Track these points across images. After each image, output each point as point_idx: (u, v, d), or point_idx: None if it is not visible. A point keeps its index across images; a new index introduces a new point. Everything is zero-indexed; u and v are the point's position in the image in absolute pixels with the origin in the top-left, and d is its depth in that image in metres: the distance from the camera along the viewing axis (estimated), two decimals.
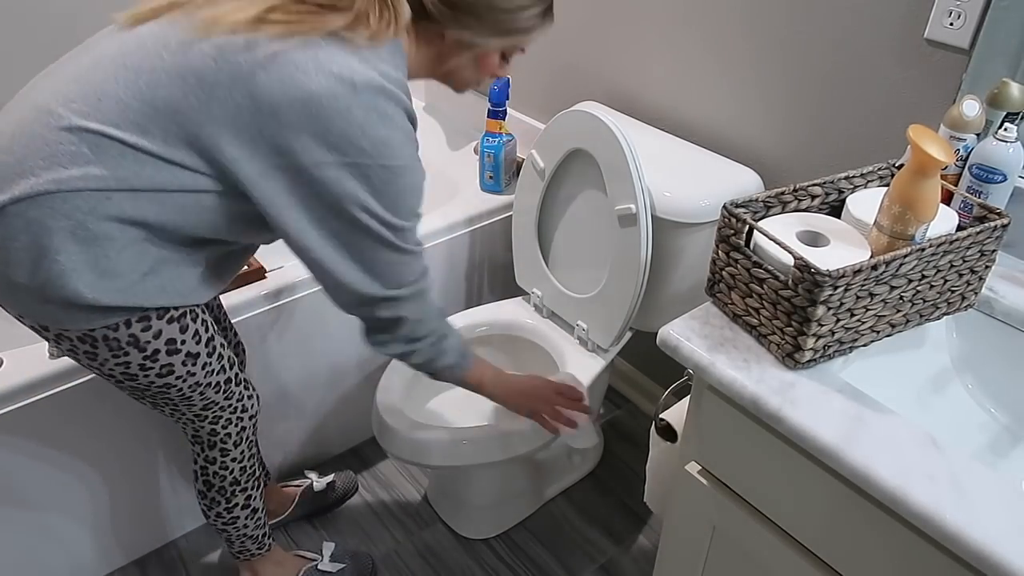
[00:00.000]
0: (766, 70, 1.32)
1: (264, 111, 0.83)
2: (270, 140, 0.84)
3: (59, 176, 0.83)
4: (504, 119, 1.70)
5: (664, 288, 1.41)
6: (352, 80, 0.83)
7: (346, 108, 0.83)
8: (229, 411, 1.15)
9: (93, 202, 0.84)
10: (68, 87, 0.86)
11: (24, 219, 0.84)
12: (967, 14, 1.02)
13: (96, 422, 1.32)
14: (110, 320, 0.92)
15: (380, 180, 0.87)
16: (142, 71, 0.84)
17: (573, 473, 1.71)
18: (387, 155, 0.86)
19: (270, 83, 0.82)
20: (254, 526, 1.31)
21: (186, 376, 1.03)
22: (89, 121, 0.83)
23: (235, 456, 1.20)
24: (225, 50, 0.83)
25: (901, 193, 0.79)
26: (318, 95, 0.82)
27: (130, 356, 0.96)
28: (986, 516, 0.65)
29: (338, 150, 0.84)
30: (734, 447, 0.86)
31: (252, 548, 1.34)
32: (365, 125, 0.84)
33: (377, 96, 0.85)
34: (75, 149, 0.83)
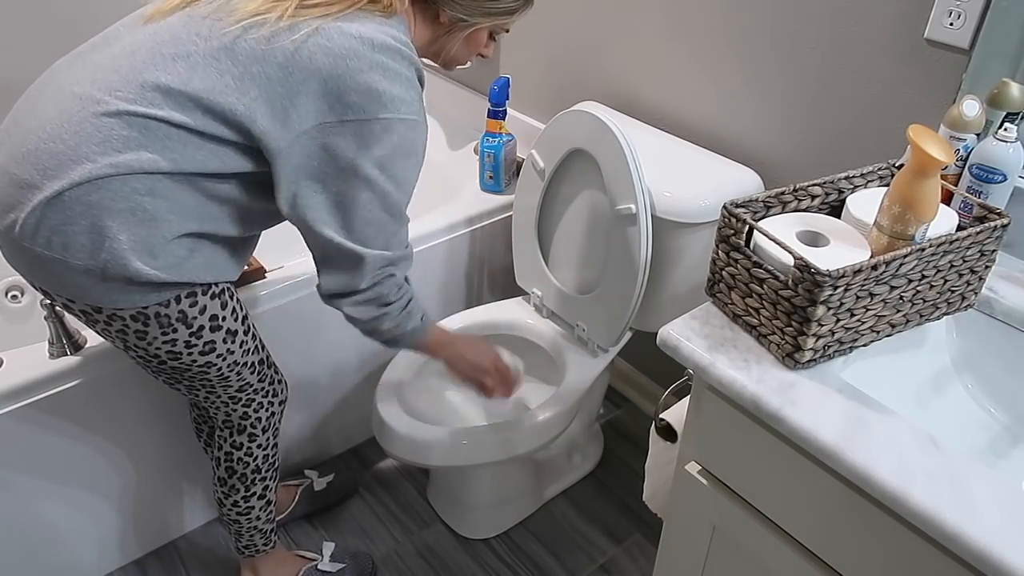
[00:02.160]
0: (766, 70, 1.32)
1: (293, 78, 0.90)
2: (298, 107, 0.91)
3: (116, 160, 0.89)
4: (504, 119, 1.70)
5: (664, 288, 1.41)
6: (371, 40, 0.92)
7: (368, 66, 0.91)
8: (262, 394, 1.19)
9: (149, 183, 0.91)
10: (109, 77, 0.92)
11: (84, 203, 0.89)
12: (967, 14, 1.02)
13: (95, 423, 1.32)
14: (163, 296, 0.98)
15: (397, 134, 0.95)
16: (178, 57, 0.91)
17: (573, 473, 1.71)
18: (402, 110, 0.94)
19: (299, 52, 0.90)
20: (265, 519, 1.33)
21: (226, 354, 1.09)
22: (136, 106, 0.89)
23: (261, 443, 1.24)
24: (258, 31, 0.91)
25: (901, 193, 0.79)
26: (342, 56, 0.90)
27: (178, 333, 1.02)
28: (986, 516, 0.65)
29: (357, 107, 0.92)
30: (734, 447, 0.86)
31: (259, 543, 1.35)
32: (384, 82, 0.92)
33: (393, 55, 0.93)
34: (127, 134, 0.89)
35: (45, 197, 0.89)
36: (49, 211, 0.89)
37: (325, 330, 1.56)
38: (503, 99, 1.69)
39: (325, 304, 1.07)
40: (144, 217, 0.92)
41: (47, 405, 1.25)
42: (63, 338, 1.26)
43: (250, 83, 0.91)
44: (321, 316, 1.54)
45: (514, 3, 1.07)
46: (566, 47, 1.71)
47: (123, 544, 1.48)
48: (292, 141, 0.93)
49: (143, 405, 1.37)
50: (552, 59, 1.76)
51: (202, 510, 1.58)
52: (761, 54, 1.32)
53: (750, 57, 1.34)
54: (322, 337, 1.56)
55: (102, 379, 1.29)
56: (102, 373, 1.28)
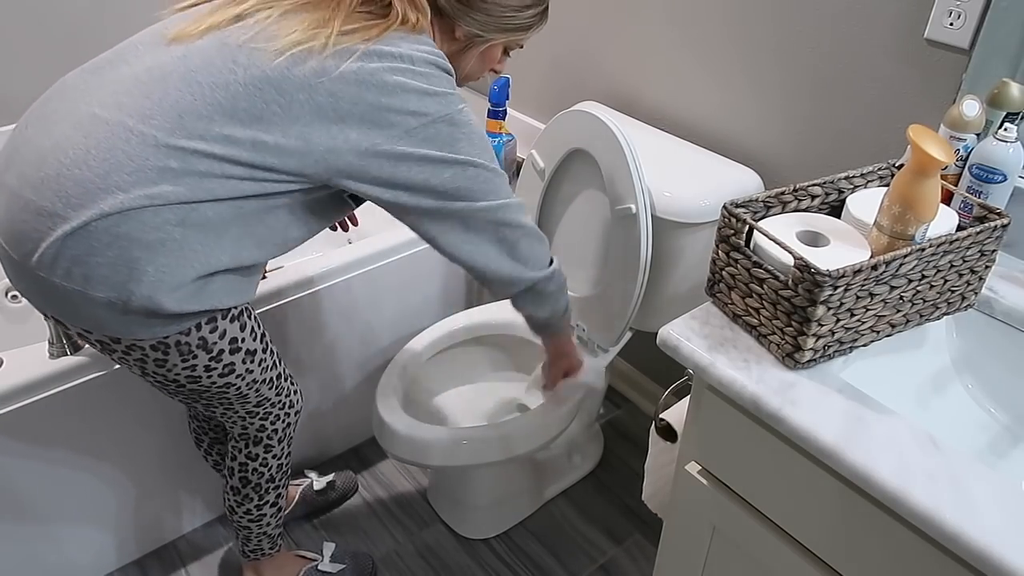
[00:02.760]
0: (766, 70, 1.32)
1: (344, 102, 0.90)
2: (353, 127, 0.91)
3: (150, 191, 0.85)
4: (504, 119, 1.70)
5: (664, 288, 1.41)
6: (411, 56, 0.94)
7: (410, 77, 0.93)
8: (279, 407, 1.18)
9: (182, 214, 0.87)
10: (140, 102, 0.88)
11: (111, 234, 0.85)
12: (967, 14, 1.02)
13: (96, 423, 1.32)
14: (184, 325, 0.95)
15: (459, 122, 0.97)
16: (217, 86, 0.88)
17: (573, 473, 1.71)
18: (451, 104, 0.96)
19: (345, 77, 0.90)
20: (275, 524, 1.33)
21: (245, 374, 1.07)
22: (176, 138, 0.87)
23: (276, 453, 1.23)
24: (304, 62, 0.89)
25: (901, 193, 0.79)
26: (388, 71, 0.92)
27: (198, 359, 0.99)
28: (986, 516, 0.65)
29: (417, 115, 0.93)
30: (734, 447, 0.86)
31: (266, 547, 1.35)
32: (428, 87, 0.94)
33: (430, 65, 0.96)
34: (163, 164, 0.86)
35: (71, 227, 0.84)
36: (71, 241, 0.85)
37: (325, 330, 1.56)
38: (503, 99, 1.69)
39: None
40: (173, 248, 0.88)
41: (47, 405, 1.25)
42: (63, 338, 1.26)
43: (298, 111, 0.89)
44: (321, 316, 1.54)
45: (530, 19, 1.08)
46: (566, 47, 1.71)
47: (123, 544, 1.48)
48: (361, 160, 0.93)
49: (143, 405, 1.37)
50: (552, 59, 1.76)
51: (202, 510, 1.58)
52: (761, 54, 1.32)
53: (750, 57, 1.34)
54: (322, 337, 1.57)
55: (102, 379, 1.29)
56: (102, 373, 1.28)
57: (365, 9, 0.95)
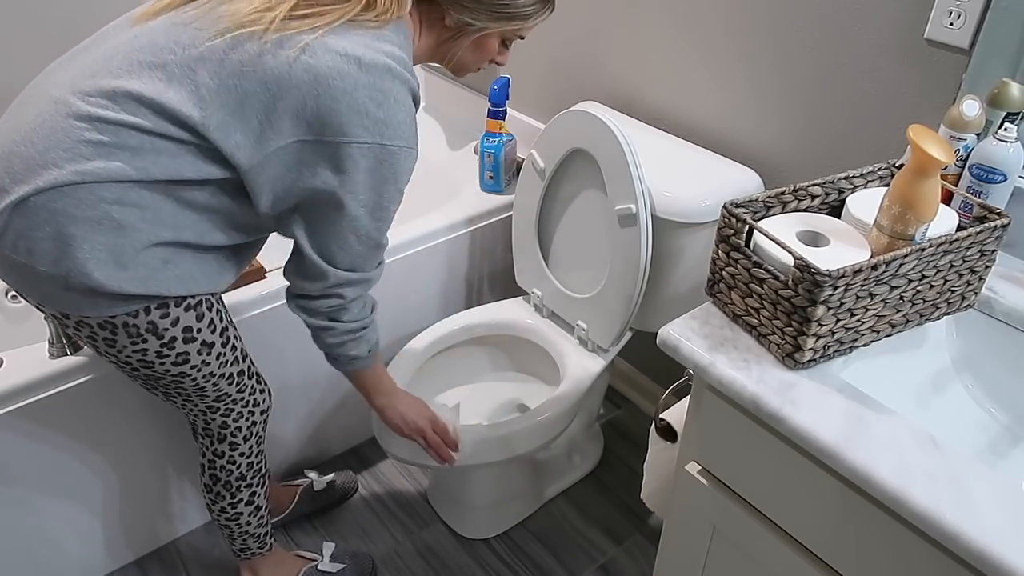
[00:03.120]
0: (766, 70, 1.32)
1: (272, 95, 0.87)
2: (274, 124, 0.88)
3: (82, 167, 0.86)
4: (504, 119, 1.70)
5: (664, 288, 1.41)
6: (359, 59, 0.88)
7: (352, 87, 0.87)
8: (241, 404, 1.16)
9: (118, 191, 0.87)
10: (84, 81, 0.89)
11: (48, 210, 0.86)
12: (967, 14, 1.02)
13: (96, 423, 1.32)
14: (130, 307, 0.94)
15: (376, 159, 0.91)
16: (155, 66, 0.88)
17: (573, 473, 1.71)
18: (386, 135, 0.90)
19: (279, 68, 0.86)
20: (256, 524, 1.31)
21: (201, 366, 1.05)
22: (108, 111, 0.86)
23: (243, 451, 1.21)
24: (244, 47, 0.87)
25: (901, 193, 0.79)
26: (325, 75, 0.86)
27: (148, 343, 0.98)
28: (986, 516, 0.65)
29: (335, 129, 0.88)
30: (734, 447, 0.86)
31: (254, 547, 1.34)
32: (369, 104, 0.88)
33: (382, 74, 0.89)
34: (96, 138, 0.86)
35: (11, 201, 0.86)
36: (16, 215, 0.87)
37: None
38: (503, 99, 1.69)
39: None
40: (112, 226, 0.88)
41: (47, 405, 1.25)
42: (63, 338, 1.26)
43: (226, 96, 0.87)
44: None
45: (527, 7, 1.01)
46: (566, 47, 1.71)
47: (123, 544, 1.48)
48: (266, 157, 0.90)
49: (143, 405, 1.37)
50: (552, 59, 1.76)
51: (202, 510, 1.58)
52: (761, 54, 1.32)
53: (750, 57, 1.34)
54: None
55: (102, 379, 1.29)
56: (102, 373, 1.28)
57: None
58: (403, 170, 0.95)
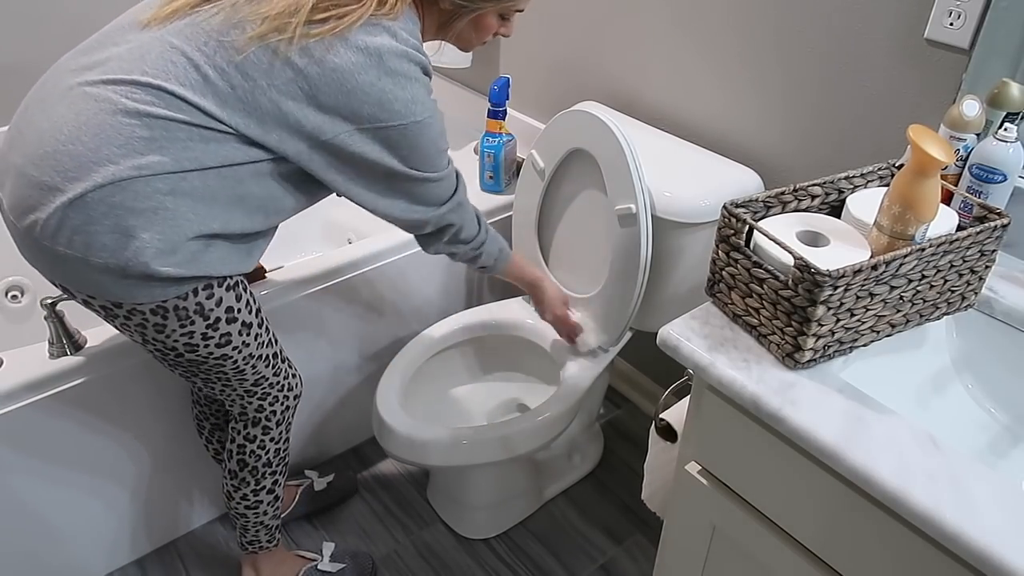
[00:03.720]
0: (766, 70, 1.32)
1: (307, 96, 0.94)
2: (311, 123, 0.95)
3: (138, 162, 0.91)
4: (504, 119, 1.70)
5: (664, 288, 1.41)
6: (379, 50, 0.95)
7: (375, 77, 0.95)
8: (277, 388, 1.21)
9: (171, 183, 0.92)
10: (121, 79, 0.92)
11: (107, 204, 0.91)
12: (967, 14, 1.02)
13: (96, 422, 1.32)
14: (182, 289, 0.99)
15: (413, 135, 1.01)
16: (190, 66, 0.92)
17: (573, 473, 1.71)
18: (415, 112, 0.99)
19: (309, 70, 0.93)
20: (272, 514, 1.33)
21: (241, 347, 1.10)
22: (155, 108, 0.91)
23: (274, 436, 1.25)
24: (269, 46, 0.92)
25: (901, 193, 0.79)
26: (351, 71, 0.94)
27: (195, 325, 1.03)
28: (986, 516, 0.65)
29: (372, 117, 0.96)
30: (734, 447, 0.86)
31: (263, 539, 1.35)
32: (394, 90, 0.96)
33: (400, 60, 0.96)
34: (147, 135, 0.91)
35: (68, 199, 0.90)
36: (72, 212, 0.90)
37: (325, 330, 1.56)
38: (503, 99, 1.68)
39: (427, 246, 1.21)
40: (166, 216, 0.93)
41: (47, 405, 1.25)
42: (63, 338, 1.26)
43: (261, 97, 0.93)
44: (321, 316, 1.54)
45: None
46: (566, 47, 1.71)
47: (123, 544, 1.48)
48: (309, 150, 0.98)
49: (143, 405, 1.37)
50: (552, 59, 1.76)
51: (202, 510, 1.58)
52: (761, 54, 1.32)
53: (750, 57, 1.34)
54: (322, 337, 1.56)
55: (102, 379, 1.29)
56: (102, 373, 1.28)
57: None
58: (436, 134, 1.04)
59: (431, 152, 1.05)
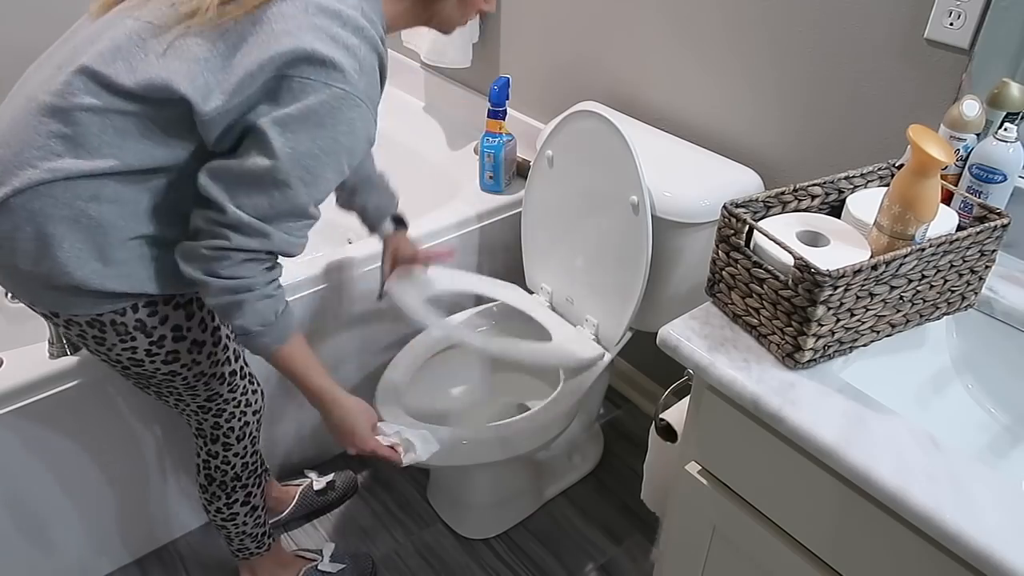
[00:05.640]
0: (766, 70, 1.32)
1: (223, 42, 0.85)
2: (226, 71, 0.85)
3: (55, 165, 0.85)
4: (504, 119, 1.70)
5: (664, 288, 1.41)
6: (316, 4, 0.85)
7: (296, 27, 0.84)
8: (233, 404, 1.16)
9: (94, 188, 0.87)
10: (50, 74, 0.88)
11: (27, 210, 0.86)
12: (967, 14, 1.02)
13: (96, 422, 1.32)
14: (117, 305, 0.94)
15: (314, 97, 0.84)
16: (118, 54, 0.86)
17: (573, 473, 1.71)
18: (332, 77, 0.84)
19: (249, 46, 0.84)
20: (253, 524, 1.31)
21: (191, 364, 1.05)
22: (59, 99, 0.85)
23: (237, 451, 1.21)
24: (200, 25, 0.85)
25: (901, 193, 0.79)
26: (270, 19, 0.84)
27: (137, 341, 0.98)
28: (986, 516, 0.65)
29: (276, 64, 0.83)
30: (734, 447, 0.86)
31: (251, 547, 1.34)
32: (315, 42, 0.83)
33: (338, 20, 0.85)
34: (60, 131, 0.85)
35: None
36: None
37: (325, 330, 1.56)
38: (503, 99, 1.68)
39: None
40: (90, 224, 0.88)
41: (47, 405, 1.24)
42: (63, 338, 1.26)
43: (173, 55, 0.85)
44: (321, 317, 1.54)
45: None
46: (566, 48, 1.71)
47: (123, 544, 1.48)
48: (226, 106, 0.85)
49: (142, 405, 1.37)
50: (552, 59, 1.76)
51: (202, 510, 1.58)
52: (761, 54, 1.32)
53: (750, 57, 1.34)
54: (322, 337, 1.56)
55: (102, 379, 1.29)
56: (102, 373, 1.28)
57: None
58: (345, 119, 0.85)
59: (322, 145, 0.86)
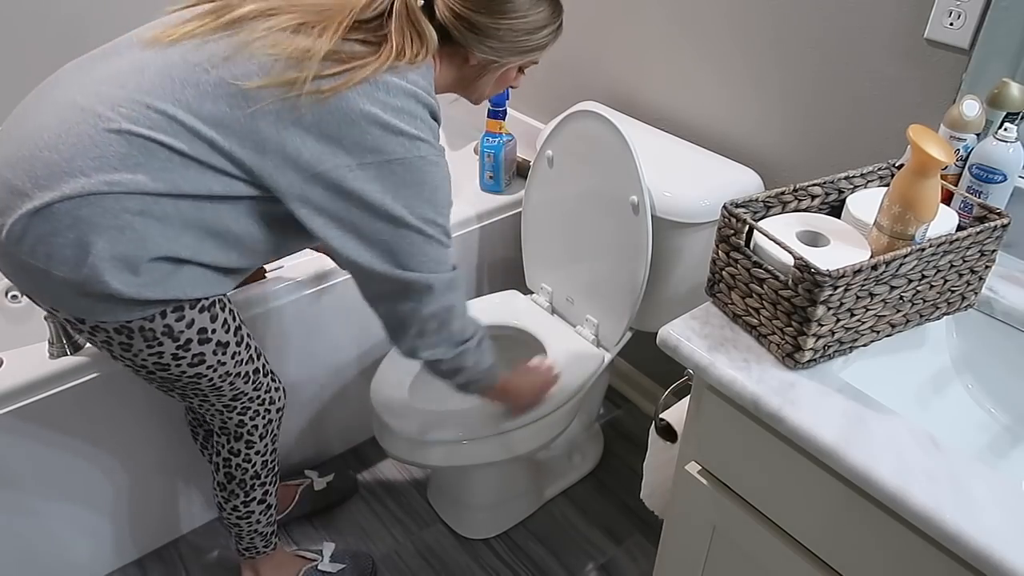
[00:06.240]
0: (766, 70, 1.32)
1: (307, 121, 0.90)
2: (309, 151, 0.91)
3: (111, 178, 0.87)
4: (504, 119, 1.70)
5: (664, 288, 1.41)
6: (385, 86, 0.92)
7: (379, 110, 0.91)
8: (257, 403, 1.18)
9: (143, 204, 0.89)
10: (113, 92, 0.90)
11: (72, 216, 0.88)
12: (967, 14, 1.02)
13: (96, 423, 1.32)
14: (147, 312, 0.95)
15: (417, 171, 0.94)
16: (187, 83, 0.89)
17: (573, 473, 1.71)
18: (419, 148, 0.94)
19: (315, 113, 0.90)
20: (266, 522, 1.33)
21: (216, 366, 1.07)
22: (139, 127, 0.88)
23: (259, 449, 1.23)
24: (272, 73, 0.89)
25: (901, 193, 0.79)
26: (354, 100, 0.90)
27: (164, 346, 1.00)
28: (986, 516, 0.65)
29: (375, 151, 0.92)
30: (734, 447, 0.86)
31: (260, 545, 1.35)
32: (398, 124, 0.92)
33: (407, 98, 0.93)
34: (125, 151, 0.88)
35: (35, 207, 0.87)
36: (37, 220, 0.88)
37: (325, 330, 1.56)
38: (503, 99, 1.68)
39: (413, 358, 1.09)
40: (133, 236, 0.90)
41: (47, 405, 1.25)
42: (63, 338, 1.26)
43: (260, 121, 0.89)
44: (321, 316, 1.54)
45: (545, 38, 1.05)
46: (566, 48, 1.71)
47: (123, 544, 1.48)
48: (303, 183, 0.92)
49: (143, 405, 1.37)
50: (552, 60, 1.76)
51: (202, 510, 1.58)
52: (761, 54, 1.32)
53: (750, 57, 1.34)
54: (322, 337, 1.56)
55: (102, 379, 1.29)
56: (102, 373, 1.28)
57: (358, 37, 0.92)
58: (442, 178, 0.98)
59: (435, 197, 0.97)
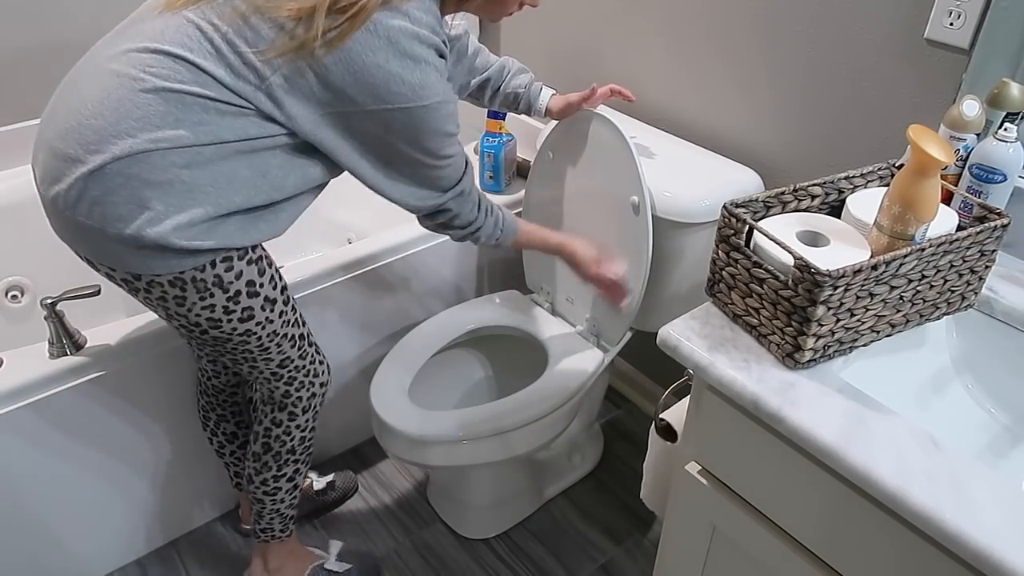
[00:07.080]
0: (766, 70, 1.32)
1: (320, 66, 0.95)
2: (322, 96, 0.97)
3: (155, 136, 0.94)
4: (504, 119, 1.70)
5: (664, 288, 1.41)
6: (388, 32, 0.95)
7: (384, 60, 0.95)
8: (303, 373, 1.22)
9: (188, 157, 0.95)
10: (142, 55, 0.96)
11: (124, 175, 0.94)
12: (967, 14, 1.02)
13: (96, 422, 1.32)
14: (199, 261, 1.01)
15: (419, 118, 1.01)
16: (204, 39, 0.95)
17: (573, 473, 1.71)
18: (422, 96, 0.99)
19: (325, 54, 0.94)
20: (289, 503, 1.34)
21: (264, 323, 1.11)
22: (171, 83, 0.94)
23: (300, 423, 1.26)
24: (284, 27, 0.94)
25: (901, 193, 0.79)
26: (358, 52, 0.94)
27: (215, 298, 1.04)
28: (986, 516, 0.65)
29: (380, 98, 0.97)
30: (734, 447, 0.86)
31: (277, 528, 1.36)
32: (402, 73, 0.97)
33: (412, 42, 0.97)
34: (164, 109, 0.94)
35: (88, 170, 0.93)
36: (91, 183, 0.94)
37: (325, 330, 1.56)
38: None
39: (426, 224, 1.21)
40: (182, 189, 0.95)
41: (47, 405, 1.25)
42: (63, 338, 1.26)
43: (278, 71, 0.94)
44: (321, 317, 1.54)
45: None
46: (566, 47, 1.71)
47: (122, 544, 1.48)
48: (320, 118, 0.98)
49: (143, 405, 1.37)
50: (552, 60, 1.76)
51: (202, 509, 1.58)
52: (761, 54, 1.32)
53: (750, 57, 1.34)
54: (322, 337, 1.57)
55: (102, 379, 1.29)
56: (102, 373, 1.28)
57: None
58: (444, 117, 1.04)
59: (437, 136, 1.05)
